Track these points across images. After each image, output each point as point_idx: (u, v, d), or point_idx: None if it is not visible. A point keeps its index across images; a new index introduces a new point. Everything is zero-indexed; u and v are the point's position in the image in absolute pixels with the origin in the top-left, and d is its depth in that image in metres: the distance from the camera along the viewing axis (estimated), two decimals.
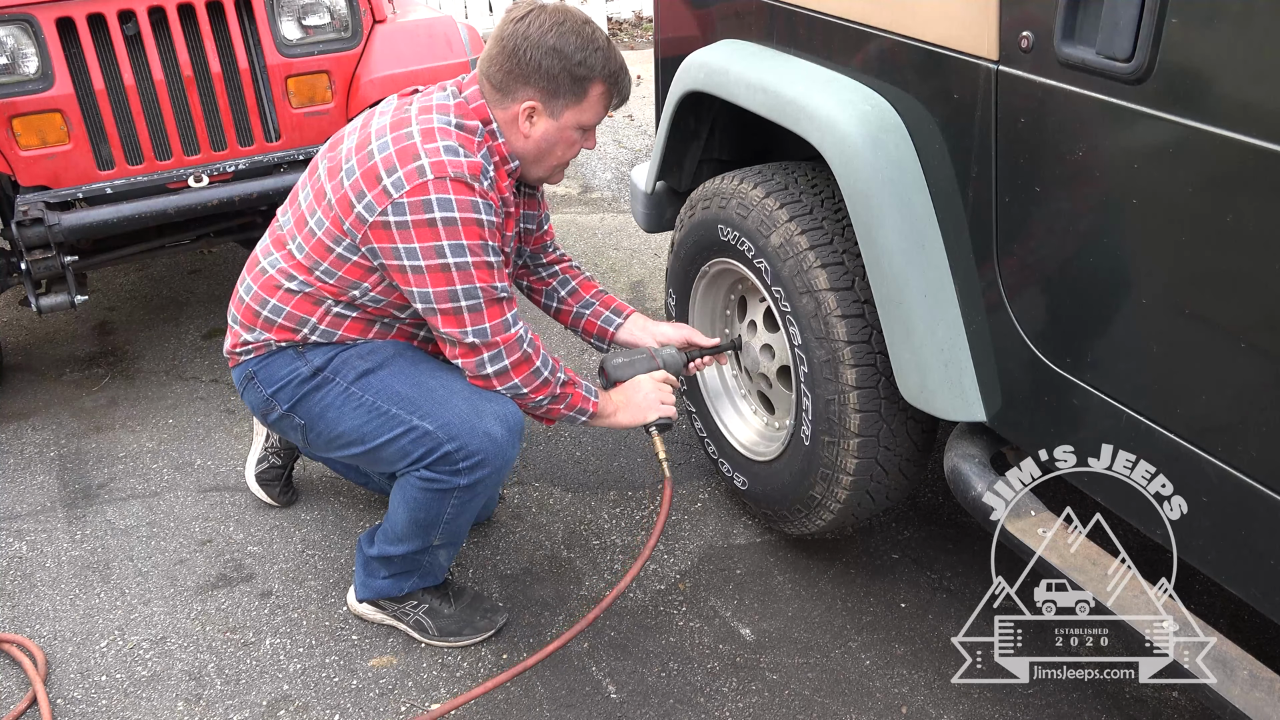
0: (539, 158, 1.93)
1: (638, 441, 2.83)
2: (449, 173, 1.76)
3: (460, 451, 1.87)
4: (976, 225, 1.67)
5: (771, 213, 2.03)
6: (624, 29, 7.69)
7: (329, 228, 1.86)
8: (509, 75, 1.83)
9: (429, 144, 1.78)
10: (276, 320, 1.94)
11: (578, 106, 1.86)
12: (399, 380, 1.93)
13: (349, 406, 1.93)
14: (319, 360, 1.95)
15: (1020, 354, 1.65)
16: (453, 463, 1.88)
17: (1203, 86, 1.28)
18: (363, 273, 1.88)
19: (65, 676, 2.11)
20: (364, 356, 1.95)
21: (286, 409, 1.98)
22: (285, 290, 1.92)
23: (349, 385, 1.94)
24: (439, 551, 2.08)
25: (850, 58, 1.88)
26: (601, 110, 1.90)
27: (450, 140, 1.79)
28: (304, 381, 1.95)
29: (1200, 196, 1.31)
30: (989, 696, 2.00)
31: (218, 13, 2.85)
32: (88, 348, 3.42)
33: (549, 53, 1.80)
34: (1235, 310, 1.34)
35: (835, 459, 1.99)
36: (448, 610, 2.16)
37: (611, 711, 2.00)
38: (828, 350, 1.93)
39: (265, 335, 1.95)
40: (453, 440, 1.87)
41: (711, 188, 2.25)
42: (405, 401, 1.90)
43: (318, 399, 1.95)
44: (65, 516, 2.60)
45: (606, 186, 4.73)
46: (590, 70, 1.83)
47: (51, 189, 2.81)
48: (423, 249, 1.77)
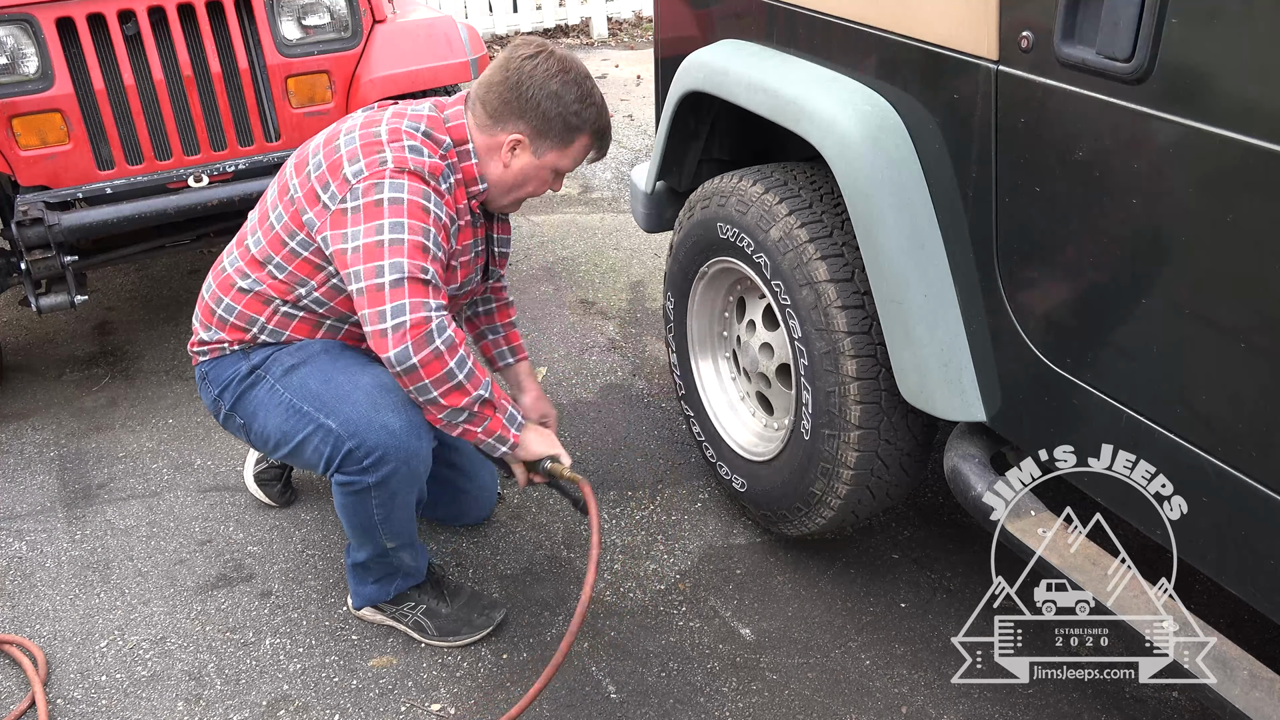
0: (511, 189, 1.97)
1: (638, 441, 2.83)
2: (409, 166, 1.80)
3: (361, 449, 1.86)
4: (976, 225, 1.67)
5: (771, 208, 2.04)
6: (624, 29, 7.68)
7: (287, 221, 1.90)
8: (506, 105, 1.89)
9: (394, 141, 1.83)
10: (229, 319, 1.97)
11: (560, 151, 1.94)
12: (314, 377, 1.94)
13: (273, 404, 1.95)
14: (257, 358, 1.98)
15: (1020, 354, 1.65)
16: (356, 461, 1.88)
17: (1203, 86, 1.28)
18: (311, 269, 1.90)
19: (65, 676, 2.11)
20: (292, 353, 1.98)
21: (229, 408, 2.02)
22: (238, 289, 1.96)
23: (275, 382, 1.96)
24: (400, 553, 2.07)
25: (850, 58, 1.88)
26: (579, 160, 1.99)
27: (415, 142, 1.84)
28: (241, 380, 1.99)
29: (1200, 196, 1.31)
30: (989, 696, 2.00)
31: (217, 13, 2.85)
32: (88, 348, 3.42)
33: (550, 96, 1.87)
34: (1235, 310, 1.34)
35: (836, 452, 1.99)
36: (445, 610, 2.16)
37: (611, 711, 2.00)
38: (828, 342, 1.93)
39: (219, 334, 1.99)
40: (353, 437, 1.86)
41: (710, 187, 2.25)
42: (314, 399, 1.91)
43: (251, 397, 1.98)
44: (65, 516, 2.60)
45: (606, 186, 4.73)
46: (583, 122, 1.91)
47: (51, 189, 2.81)
48: (365, 229, 1.76)
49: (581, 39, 7.48)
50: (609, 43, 7.41)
